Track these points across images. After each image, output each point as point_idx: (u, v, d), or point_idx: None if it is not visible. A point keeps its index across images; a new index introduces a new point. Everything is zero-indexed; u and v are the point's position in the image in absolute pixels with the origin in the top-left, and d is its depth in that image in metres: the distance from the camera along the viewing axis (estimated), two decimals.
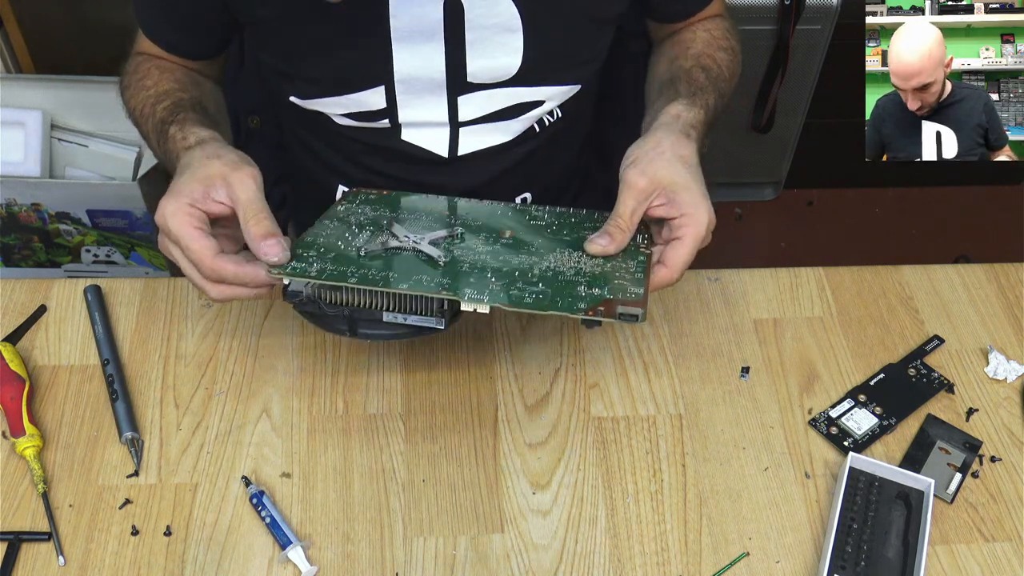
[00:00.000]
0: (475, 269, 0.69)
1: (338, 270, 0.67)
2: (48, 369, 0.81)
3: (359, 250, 0.70)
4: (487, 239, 0.73)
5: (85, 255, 1.76)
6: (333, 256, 0.69)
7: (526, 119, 0.87)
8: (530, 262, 0.70)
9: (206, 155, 0.70)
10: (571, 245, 0.73)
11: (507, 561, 0.70)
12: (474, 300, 0.64)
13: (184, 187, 0.67)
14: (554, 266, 0.70)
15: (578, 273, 0.69)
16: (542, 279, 0.68)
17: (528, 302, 0.65)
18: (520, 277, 0.68)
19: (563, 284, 0.67)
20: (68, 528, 0.71)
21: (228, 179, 0.67)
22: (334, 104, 0.84)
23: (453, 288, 0.66)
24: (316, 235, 0.73)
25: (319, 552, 0.70)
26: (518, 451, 0.76)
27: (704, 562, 0.71)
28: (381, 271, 0.68)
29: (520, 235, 0.75)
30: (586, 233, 0.73)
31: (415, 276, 0.67)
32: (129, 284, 0.87)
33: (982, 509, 0.74)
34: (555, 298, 0.65)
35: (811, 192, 2.05)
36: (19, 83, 1.61)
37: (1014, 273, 0.91)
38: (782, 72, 1.73)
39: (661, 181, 0.70)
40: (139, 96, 0.84)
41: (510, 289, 0.66)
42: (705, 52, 0.86)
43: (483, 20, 0.78)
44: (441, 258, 0.69)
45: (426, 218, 0.77)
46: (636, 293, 0.66)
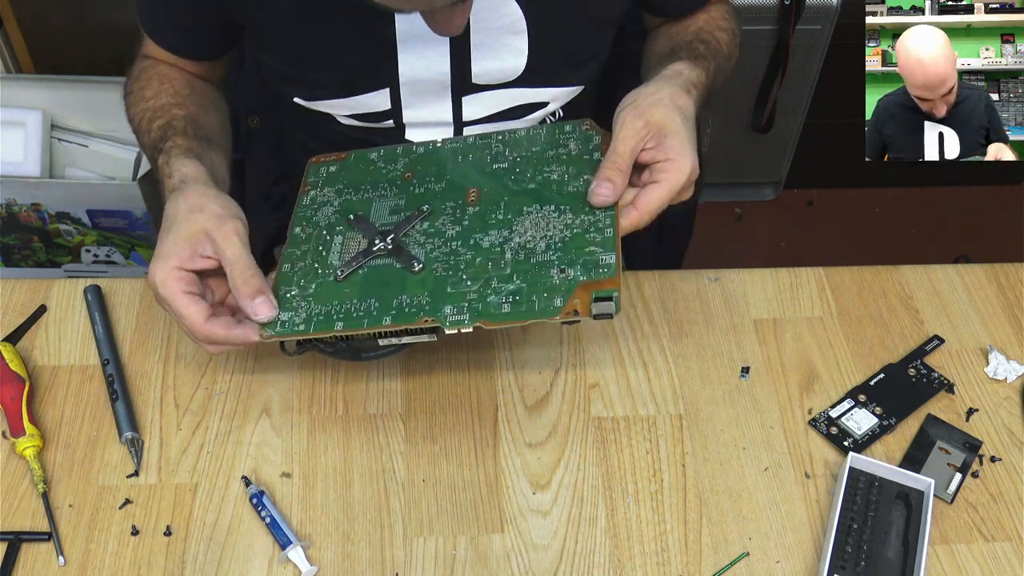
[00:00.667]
0: (450, 271, 0.70)
1: (324, 314, 0.69)
2: (48, 369, 0.81)
3: (336, 272, 0.71)
4: (453, 213, 0.74)
5: (85, 255, 1.76)
6: (314, 291, 0.71)
7: (529, 120, 0.87)
8: (500, 240, 0.71)
9: (189, 208, 0.70)
10: (537, 197, 0.73)
11: (507, 561, 0.70)
12: (456, 323, 0.66)
13: (171, 249, 0.68)
14: (524, 242, 0.70)
15: (548, 247, 0.69)
16: (515, 270, 0.69)
17: (507, 312, 0.66)
18: (494, 271, 0.69)
19: (536, 269, 0.68)
20: (68, 528, 0.71)
21: (212, 236, 0.68)
22: (338, 106, 0.84)
23: (433, 309, 0.67)
24: (292, 258, 0.74)
25: (319, 552, 0.70)
26: (518, 451, 0.76)
27: (704, 562, 0.71)
28: (363, 300, 0.69)
29: (485, 192, 0.75)
30: (550, 168, 0.74)
31: (396, 299, 0.69)
32: (129, 284, 0.87)
33: (982, 509, 0.74)
34: (531, 296, 0.67)
35: (811, 192, 2.05)
36: (19, 83, 1.61)
37: (1014, 273, 0.91)
38: (782, 72, 1.73)
39: (656, 124, 0.70)
40: (138, 107, 0.85)
41: (487, 294, 0.67)
42: (705, 29, 0.86)
43: (489, 22, 0.78)
44: (415, 264, 0.71)
45: (389, 190, 0.78)
46: (608, 265, 0.67)
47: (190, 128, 0.80)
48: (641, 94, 0.72)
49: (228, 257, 0.68)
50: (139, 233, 1.71)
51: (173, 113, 0.82)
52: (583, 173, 0.74)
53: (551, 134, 0.79)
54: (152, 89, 0.85)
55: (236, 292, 0.68)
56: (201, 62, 0.88)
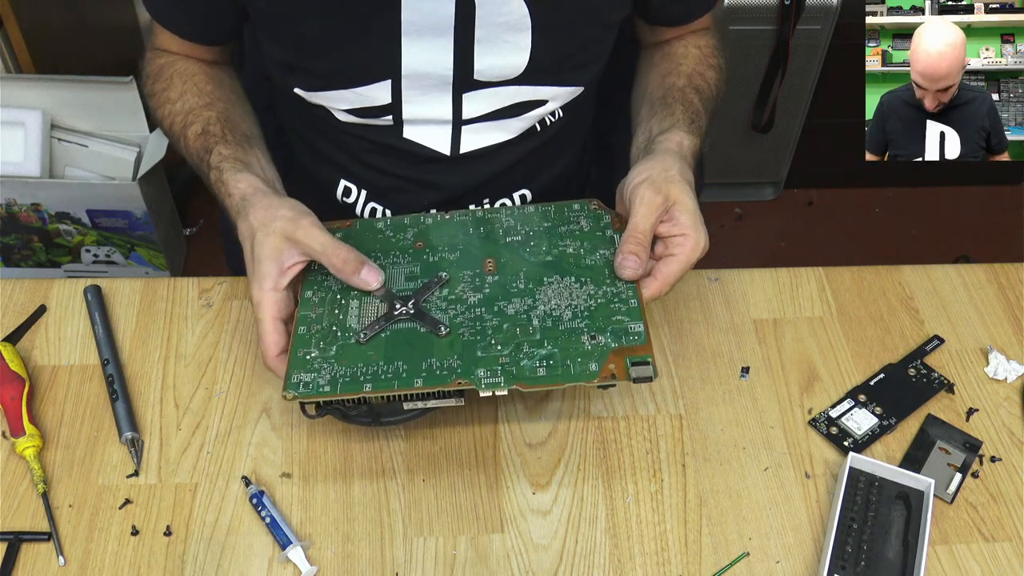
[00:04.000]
0: (477, 335, 0.69)
1: (350, 376, 0.68)
2: (48, 369, 0.81)
3: (358, 336, 0.70)
4: (472, 280, 0.74)
5: (85, 255, 1.76)
6: (335, 353, 0.70)
7: (528, 118, 0.87)
8: (524, 307, 0.71)
9: (261, 223, 0.72)
10: (555, 269, 0.74)
11: (507, 561, 0.70)
12: (491, 385, 0.66)
13: (262, 270, 0.72)
14: (549, 310, 0.71)
15: (575, 315, 0.70)
16: (545, 335, 0.69)
17: (542, 376, 0.66)
18: (523, 336, 0.69)
19: (566, 336, 0.69)
20: (68, 528, 0.71)
21: (294, 239, 0.71)
22: (338, 98, 0.84)
23: (465, 372, 0.67)
24: (308, 321, 0.72)
25: (319, 552, 0.70)
26: (518, 451, 0.76)
27: (704, 562, 0.71)
28: (390, 363, 0.68)
29: (502, 263, 0.75)
30: (564, 242, 0.75)
31: (424, 361, 0.68)
32: (129, 284, 0.87)
33: (982, 509, 0.74)
34: (565, 361, 0.67)
35: (811, 192, 2.05)
36: (19, 83, 1.61)
37: (1014, 273, 0.91)
38: (782, 72, 1.73)
39: (672, 200, 0.73)
40: (165, 109, 0.86)
41: (519, 359, 0.67)
42: (696, 71, 0.88)
43: (493, 18, 0.78)
44: (442, 328, 0.70)
45: (402, 258, 0.77)
46: (638, 333, 0.68)
47: (228, 132, 0.82)
48: (654, 170, 0.75)
49: (317, 249, 0.71)
50: (139, 233, 1.71)
51: (206, 116, 0.83)
52: (598, 248, 0.75)
53: (560, 212, 0.79)
54: (176, 90, 0.85)
55: (339, 274, 0.72)
56: (211, 47, 0.88)
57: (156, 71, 0.88)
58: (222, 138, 0.81)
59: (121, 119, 1.67)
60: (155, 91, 0.87)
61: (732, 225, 1.99)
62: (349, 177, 0.93)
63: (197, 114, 0.83)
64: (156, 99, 0.87)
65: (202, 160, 0.81)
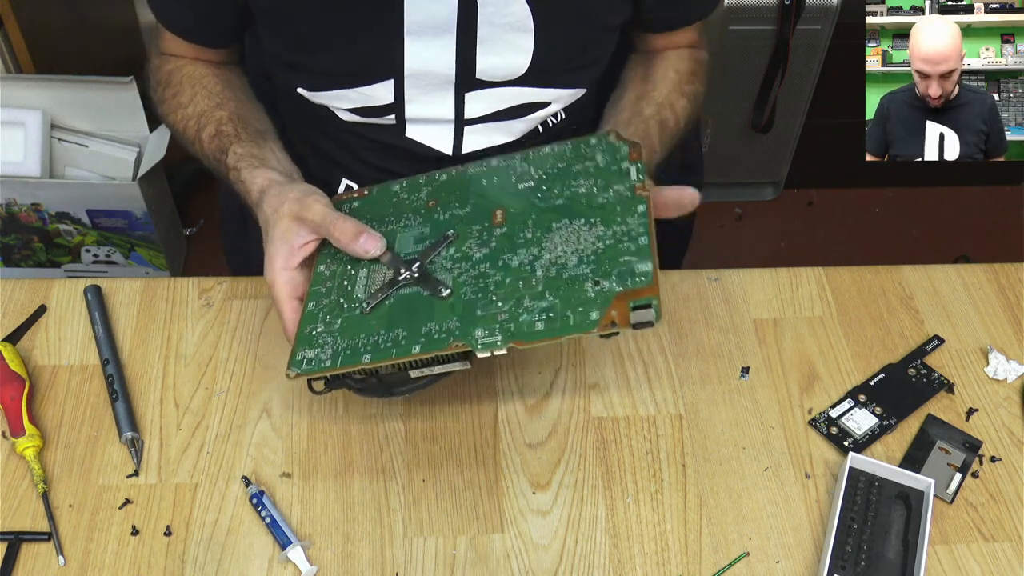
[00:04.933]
0: (479, 293, 0.68)
1: (351, 348, 0.68)
2: (48, 369, 0.81)
3: (362, 305, 0.70)
4: (480, 235, 0.72)
5: (85, 255, 1.76)
6: (339, 326, 0.69)
7: (531, 120, 0.87)
8: (529, 258, 0.69)
9: (273, 210, 0.74)
10: (566, 212, 0.72)
11: (507, 561, 0.70)
12: (488, 345, 0.65)
13: (272, 250, 0.73)
14: (555, 258, 0.69)
15: (581, 260, 0.67)
16: (547, 286, 0.67)
17: (541, 330, 0.64)
18: (525, 289, 0.67)
19: (569, 283, 0.66)
20: (68, 528, 0.71)
21: (299, 216, 0.72)
22: (341, 97, 0.84)
23: (464, 333, 0.65)
24: (317, 295, 0.72)
25: (319, 552, 0.70)
26: (518, 451, 0.77)
27: (704, 562, 0.71)
28: (390, 331, 0.68)
29: (512, 213, 0.73)
30: (578, 182, 0.73)
31: (424, 326, 0.67)
32: (129, 284, 0.87)
33: (982, 509, 0.74)
34: (565, 312, 0.65)
35: (811, 192, 2.05)
36: (19, 83, 1.61)
37: (1014, 273, 0.91)
38: (782, 72, 1.73)
39: None
40: (176, 115, 0.86)
41: (519, 314, 0.66)
42: (668, 100, 0.87)
43: (496, 18, 0.78)
44: (443, 289, 0.69)
45: (413, 219, 0.76)
46: (644, 273, 0.65)
47: (241, 130, 0.82)
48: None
49: (317, 220, 0.72)
50: (139, 233, 1.71)
51: (218, 116, 0.83)
52: (612, 184, 0.73)
53: (576, 149, 0.77)
54: (186, 95, 0.86)
55: (339, 243, 0.72)
56: (218, 49, 0.88)
57: (165, 78, 0.88)
58: (236, 137, 0.82)
59: (121, 119, 1.67)
60: (165, 97, 0.88)
61: (732, 225, 1.99)
62: (351, 176, 0.93)
63: (209, 116, 0.83)
64: (167, 105, 0.87)
65: (219, 161, 0.82)
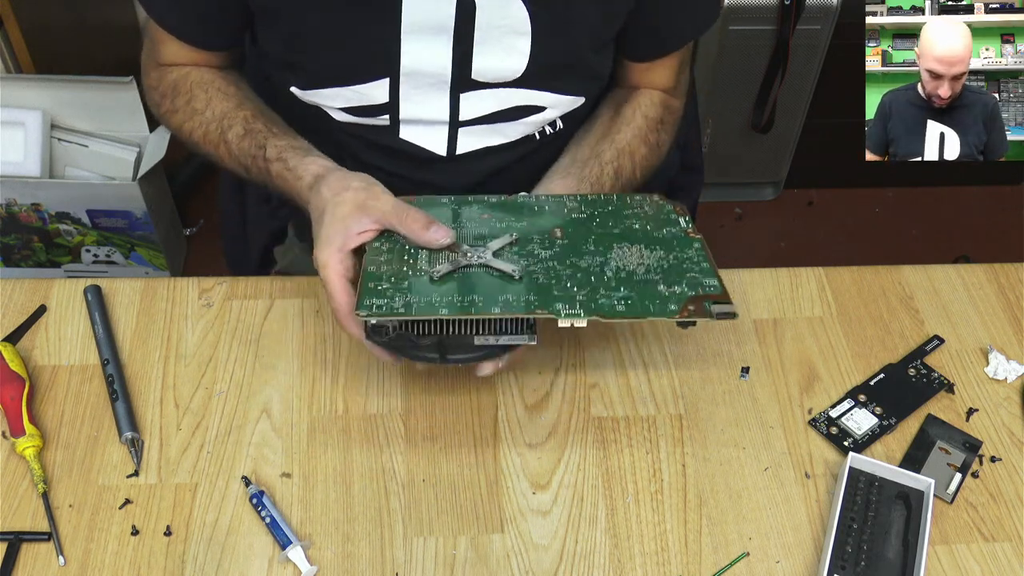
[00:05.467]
0: (552, 279, 0.69)
1: (425, 302, 0.67)
2: (48, 369, 0.81)
3: (431, 275, 0.70)
4: (542, 243, 0.74)
5: (85, 255, 1.76)
6: (407, 285, 0.69)
7: (526, 123, 0.87)
8: (598, 263, 0.71)
9: (334, 193, 0.75)
10: (624, 238, 0.74)
11: (507, 561, 0.70)
12: (571, 315, 0.66)
13: (330, 232, 0.73)
14: (622, 265, 0.71)
15: (648, 271, 0.70)
16: (619, 282, 0.69)
17: (621, 310, 0.66)
18: (599, 283, 0.69)
19: (642, 285, 0.69)
20: (68, 528, 0.71)
21: (366, 205, 0.73)
22: (336, 96, 0.84)
23: (544, 304, 0.67)
24: (377, 263, 0.72)
25: (319, 552, 0.70)
26: (518, 451, 0.77)
27: (704, 562, 0.71)
28: (465, 295, 0.68)
29: (570, 232, 0.75)
30: (630, 221, 0.76)
31: (501, 296, 0.68)
32: (129, 284, 0.87)
33: (982, 509, 0.74)
34: (644, 302, 0.67)
35: (811, 192, 2.05)
36: (19, 83, 1.61)
37: (1014, 273, 0.91)
38: (782, 72, 1.73)
39: None
40: (193, 121, 0.86)
41: (596, 298, 0.67)
42: (629, 147, 0.88)
43: (494, 20, 0.78)
44: (516, 272, 0.70)
45: (469, 224, 0.76)
46: (714, 286, 0.69)
47: (270, 125, 0.83)
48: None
49: (388, 210, 0.73)
50: (139, 233, 1.71)
51: (242, 116, 0.84)
52: (664, 227, 0.76)
53: (621, 199, 0.80)
54: (200, 100, 0.85)
55: (409, 232, 0.72)
56: (221, 52, 0.88)
57: (171, 88, 0.87)
58: (269, 132, 0.82)
59: (121, 119, 1.66)
60: (176, 107, 0.87)
61: (732, 225, 1.99)
62: None
63: (233, 116, 0.84)
64: (180, 114, 0.87)
65: (255, 157, 0.82)
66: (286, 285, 0.87)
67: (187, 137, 0.87)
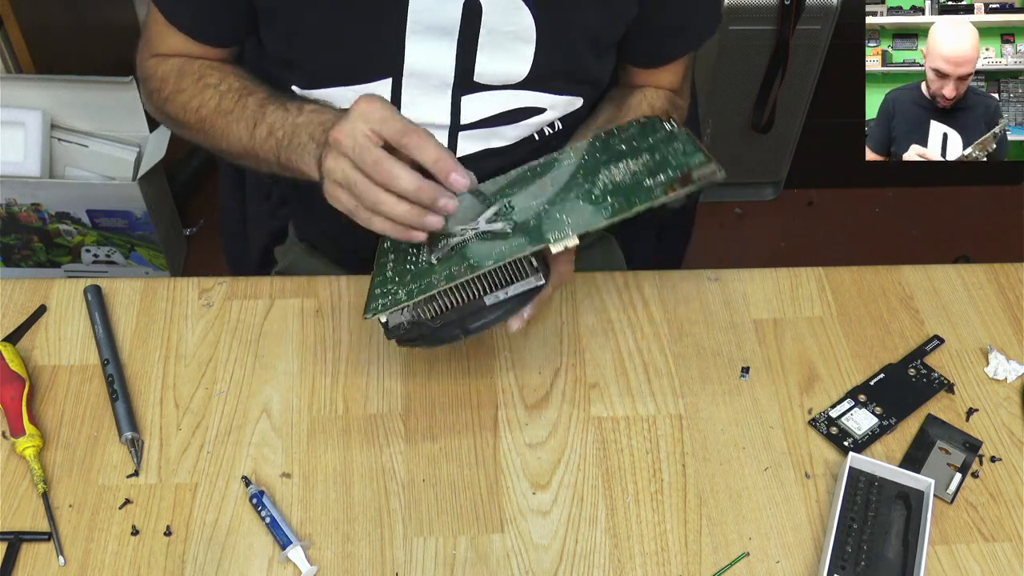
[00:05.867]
0: (540, 218, 0.70)
1: (424, 284, 0.69)
2: (48, 369, 0.81)
3: (430, 258, 0.71)
4: (534, 195, 0.75)
5: (85, 255, 1.76)
6: (411, 276, 0.71)
7: (526, 126, 0.87)
8: (585, 188, 0.72)
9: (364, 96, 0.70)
10: (611, 162, 0.75)
11: (507, 561, 0.70)
12: (560, 239, 0.66)
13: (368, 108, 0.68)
14: (609, 180, 0.71)
15: (634, 175, 0.71)
16: (607, 194, 0.70)
17: (608, 212, 0.67)
18: (587, 203, 0.70)
19: (627, 187, 0.69)
20: (68, 528, 0.71)
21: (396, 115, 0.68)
22: (337, 96, 0.84)
23: (535, 241, 0.67)
24: (384, 270, 0.74)
25: (319, 552, 0.70)
26: (518, 451, 0.77)
27: (704, 562, 0.71)
28: (462, 263, 0.69)
29: (559, 180, 0.76)
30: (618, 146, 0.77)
31: (495, 250, 0.68)
32: (129, 284, 0.87)
33: (982, 509, 0.74)
34: (630, 198, 0.67)
35: (811, 192, 2.05)
36: (19, 83, 1.61)
37: (1014, 273, 0.91)
38: (782, 72, 1.73)
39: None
40: (205, 94, 0.84)
41: (585, 215, 0.68)
42: None
43: (499, 25, 0.78)
44: (506, 228, 0.70)
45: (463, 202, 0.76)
46: (699, 160, 0.69)
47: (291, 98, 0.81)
48: None
49: (415, 128, 0.68)
50: (139, 233, 1.71)
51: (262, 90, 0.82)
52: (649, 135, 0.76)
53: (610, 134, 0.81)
54: (214, 77, 0.84)
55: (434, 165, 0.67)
56: (222, 48, 0.87)
57: (175, 71, 0.86)
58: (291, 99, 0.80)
59: (121, 119, 1.66)
60: (182, 87, 0.85)
61: (732, 225, 1.99)
62: None
63: (252, 88, 0.82)
64: (187, 93, 0.85)
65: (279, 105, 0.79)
66: (286, 285, 0.87)
67: (193, 114, 0.85)
